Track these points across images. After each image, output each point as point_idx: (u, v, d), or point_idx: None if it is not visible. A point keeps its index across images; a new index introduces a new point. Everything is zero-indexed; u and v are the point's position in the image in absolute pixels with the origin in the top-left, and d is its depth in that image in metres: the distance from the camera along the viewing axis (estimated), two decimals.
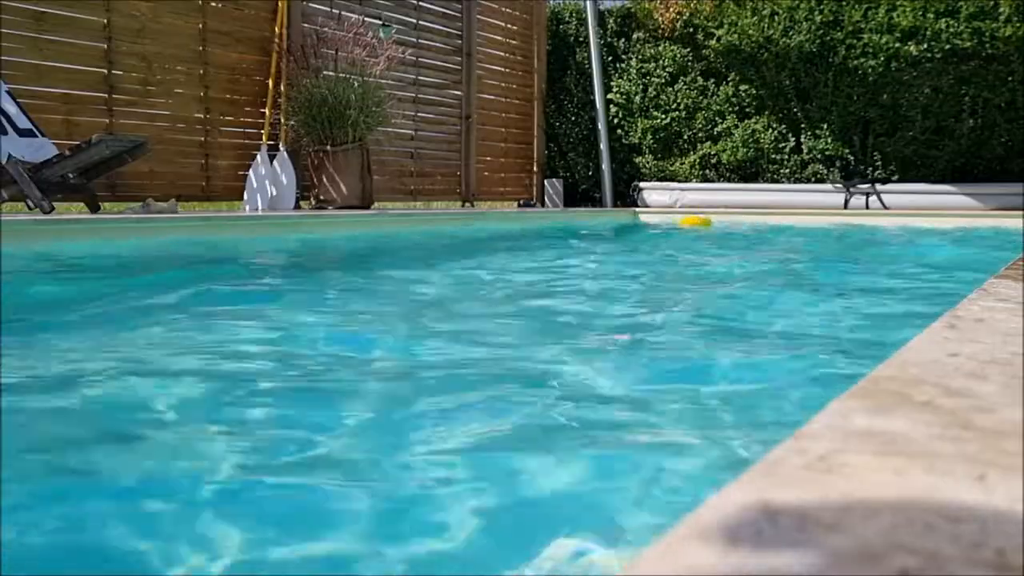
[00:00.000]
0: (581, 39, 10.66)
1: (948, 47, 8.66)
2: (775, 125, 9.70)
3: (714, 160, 10.01)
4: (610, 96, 10.37)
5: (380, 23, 8.04)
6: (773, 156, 9.73)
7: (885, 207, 8.87)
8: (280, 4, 7.26)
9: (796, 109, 9.57)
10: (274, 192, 6.88)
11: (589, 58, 10.25)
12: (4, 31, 5.55)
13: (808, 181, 9.59)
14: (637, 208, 9.59)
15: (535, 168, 10.60)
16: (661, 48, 10.21)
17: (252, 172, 6.90)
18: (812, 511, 0.52)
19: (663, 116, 10.19)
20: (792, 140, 9.68)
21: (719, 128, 9.98)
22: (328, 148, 7.11)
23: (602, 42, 10.35)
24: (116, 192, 6.26)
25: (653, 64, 10.25)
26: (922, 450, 0.64)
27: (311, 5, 7.69)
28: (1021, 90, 8.66)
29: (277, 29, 7.25)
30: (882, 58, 8.92)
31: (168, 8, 6.57)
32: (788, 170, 9.70)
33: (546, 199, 10.13)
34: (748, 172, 9.90)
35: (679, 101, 10.12)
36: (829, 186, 9.27)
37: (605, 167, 10.13)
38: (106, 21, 6.16)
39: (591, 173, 10.72)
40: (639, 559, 0.47)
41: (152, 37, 6.45)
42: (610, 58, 10.49)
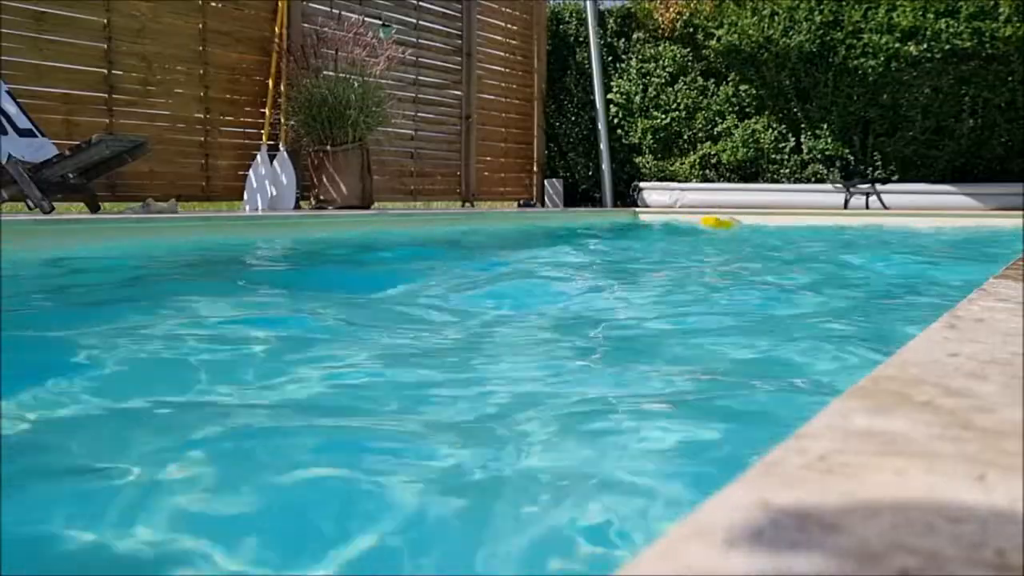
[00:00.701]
0: (581, 39, 10.66)
1: (948, 47, 8.66)
2: (775, 125, 9.70)
3: (714, 160, 10.01)
4: (610, 96, 10.37)
5: (380, 23, 8.04)
6: (773, 156, 9.73)
7: (885, 207, 8.87)
8: (280, 4, 7.27)
9: (796, 109, 9.57)
10: (274, 192, 6.88)
11: (589, 58, 10.25)
12: (4, 31, 5.55)
13: (808, 181, 9.59)
14: (637, 208, 9.59)
15: (535, 168, 10.60)
16: (661, 48, 10.21)
17: (252, 172, 6.90)
18: (812, 511, 0.52)
19: (663, 116, 10.19)
20: (792, 140, 9.68)
21: (719, 128, 9.98)
22: (328, 148, 7.11)
23: (602, 42, 10.35)
24: (116, 192, 6.26)
25: (653, 64, 10.25)
26: (922, 450, 0.64)
27: (311, 5, 7.69)
28: (1021, 90, 8.66)
29: (277, 29, 7.25)
30: (882, 58, 8.92)
31: (168, 8, 6.57)
32: (788, 170, 9.70)
33: (546, 199, 10.13)
34: (748, 172, 9.90)
35: (679, 101, 10.12)
36: (829, 186, 9.27)
37: (605, 167, 10.13)
38: (106, 21, 6.16)
39: (591, 173, 10.72)
40: (639, 559, 0.47)
41: (152, 37, 6.45)
42: (610, 58, 10.48)
